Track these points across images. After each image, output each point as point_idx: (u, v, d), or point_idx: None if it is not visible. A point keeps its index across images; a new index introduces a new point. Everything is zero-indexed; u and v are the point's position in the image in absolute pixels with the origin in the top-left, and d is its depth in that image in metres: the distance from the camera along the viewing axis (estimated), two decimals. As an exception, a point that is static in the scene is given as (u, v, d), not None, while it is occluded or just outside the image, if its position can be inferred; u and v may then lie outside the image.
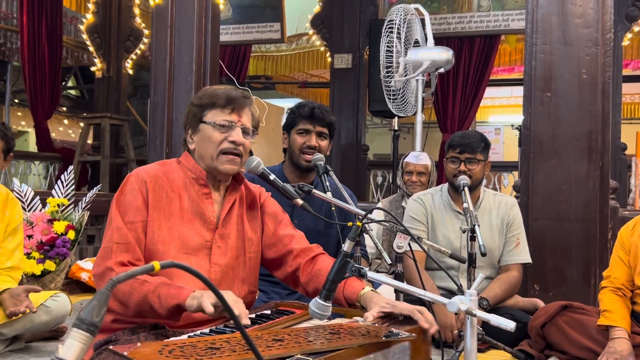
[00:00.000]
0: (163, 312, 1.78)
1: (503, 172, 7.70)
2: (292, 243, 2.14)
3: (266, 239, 2.16)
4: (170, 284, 1.81)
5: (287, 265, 2.13)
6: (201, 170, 2.04)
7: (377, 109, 6.44)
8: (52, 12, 8.21)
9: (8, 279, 3.04)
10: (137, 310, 1.84)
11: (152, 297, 1.79)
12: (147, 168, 2.04)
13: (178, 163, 2.09)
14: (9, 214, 3.09)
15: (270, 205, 2.21)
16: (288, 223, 2.20)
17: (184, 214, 2.00)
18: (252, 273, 2.13)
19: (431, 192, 3.57)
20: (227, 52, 8.69)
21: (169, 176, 2.03)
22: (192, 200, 2.02)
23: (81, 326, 0.86)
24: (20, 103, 11.28)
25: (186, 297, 1.73)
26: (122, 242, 1.90)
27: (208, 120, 2.01)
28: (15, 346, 3.06)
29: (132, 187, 1.97)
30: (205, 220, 2.02)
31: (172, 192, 2.00)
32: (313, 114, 2.94)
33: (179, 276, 1.92)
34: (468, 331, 1.57)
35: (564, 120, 3.92)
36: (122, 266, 1.88)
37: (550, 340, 3.00)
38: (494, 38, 7.62)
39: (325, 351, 1.47)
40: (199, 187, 2.04)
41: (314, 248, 2.15)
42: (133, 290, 1.82)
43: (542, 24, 4.00)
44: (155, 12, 5.04)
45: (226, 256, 2.04)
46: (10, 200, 3.13)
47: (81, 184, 7.98)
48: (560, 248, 3.87)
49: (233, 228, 2.07)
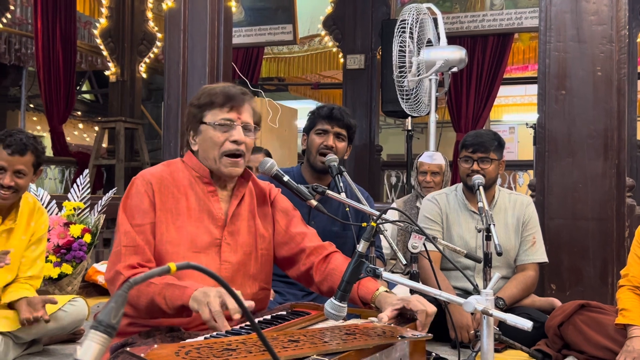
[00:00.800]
0: (171, 313, 1.79)
1: (518, 171, 7.66)
2: (305, 241, 2.12)
3: (278, 236, 2.14)
4: (174, 284, 1.80)
5: (300, 263, 2.12)
6: (205, 169, 2.03)
7: (391, 109, 6.44)
8: (66, 17, 8.28)
9: (27, 286, 3.06)
10: (148, 312, 1.85)
11: (158, 299, 1.79)
12: (152, 170, 2.04)
13: (183, 162, 2.08)
14: (35, 224, 3.10)
15: (281, 202, 2.19)
16: (299, 220, 2.19)
17: (192, 212, 1.99)
18: (264, 269, 2.11)
19: (446, 192, 3.56)
20: (239, 54, 8.71)
21: (174, 176, 2.03)
22: (199, 198, 2.02)
23: (99, 328, 0.86)
24: (35, 108, 11.39)
25: (189, 297, 1.73)
26: (130, 245, 1.90)
27: (208, 120, 2.00)
28: (34, 349, 3.08)
29: (138, 189, 1.97)
30: (214, 217, 2.01)
31: (178, 192, 2.00)
32: (332, 114, 2.94)
33: (189, 275, 1.92)
34: (484, 331, 1.56)
35: (579, 118, 3.90)
36: (131, 269, 1.88)
37: (568, 340, 2.98)
38: (507, 36, 7.59)
39: (341, 352, 1.47)
40: (204, 185, 2.03)
41: (327, 246, 2.14)
42: (140, 293, 1.82)
43: (556, 21, 3.97)
44: (168, 15, 5.06)
45: (237, 253, 2.03)
46: (37, 210, 3.13)
47: (96, 187, 8.03)
48: (577, 247, 3.84)
49: (243, 224, 2.06)
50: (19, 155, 2.85)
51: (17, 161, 2.85)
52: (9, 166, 2.84)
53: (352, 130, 3.01)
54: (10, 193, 2.87)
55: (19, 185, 2.87)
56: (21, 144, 2.86)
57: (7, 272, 3.01)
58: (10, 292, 2.99)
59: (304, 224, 2.19)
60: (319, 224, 2.89)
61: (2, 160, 2.85)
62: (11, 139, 2.85)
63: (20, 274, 3.07)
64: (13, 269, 3.03)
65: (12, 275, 3.04)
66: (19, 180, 2.87)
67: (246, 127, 2.02)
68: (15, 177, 2.86)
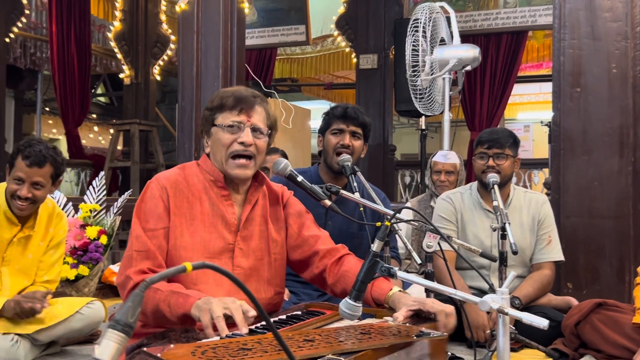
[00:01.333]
0: (175, 321, 1.78)
1: (533, 170, 7.62)
2: (318, 244, 2.12)
3: (291, 240, 2.14)
4: (179, 292, 1.80)
5: (313, 266, 2.12)
6: (219, 173, 2.03)
7: (404, 109, 6.42)
8: (81, 20, 8.35)
9: (42, 288, 3.09)
10: (153, 318, 1.85)
11: (163, 306, 1.79)
12: (167, 174, 2.03)
13: (198, 166, 2.08)
14: (53, 230, 3.10)
15: (294, 205, 2.19)
16: (312, 223, 2.18)
17: (205, 217, 1.99)
18: (278, 274, 2.11)
19: (460, 190, 3.54)
20: (253, 55, 8.73)
21: (188, 180, 2.02)
22: (213, 203, 2.01)
23: (116, 327, 0.87)
24: (51, 111, 11.48)
25: (191, 306, 1.72)
26: (141, 250, 1.90)
27: (218, 123, 2.00)
28: (51, 350, 3.11)
29: (153, 194, 1.97)
30: (227, 222, 2.01)
31: (192, 197, 2.00)
32: (346, 113, 2.95)
33: (203, 281, 1.92)
34: (500, 330, 1.56)
35: (594, 115, 3.87)
36: (141, 274, 1.88)
37: (585, 339, 2.96)
38: (521, 34, 7.55)
39: (356, 351, 1.47)
40: (218, 189, 2.03)
41: (340, 248, 2.13)
42: (148, 299, 1.82)
43: (570, 18, 3.95)
44: (182, 18, 5.08)
45: (249, 258, 2.03)
46: (57, 215, 3.12)
47: (112, 189, 8.09)
48: (593, 245, 3.82)
49: (255, 229, 2.06)
50: (37, 167, 2.82)
51: (35, 173, 2.82)
52: (26, 178, 2.82)
53: (368, 128, 3.01)
54: (27, 204, 2.86)
55: (36, 196, 2.86)
56: (40, 156, 2.82)
57: (24, 277, 3.03)
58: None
59: (317, 226, 2.19)
60: (335, 225, 2.89)
61: (20, 171, 2.82)
62: (30, 150, 2.82)
63: (37, 279, 3.08)
64: (29, 274, 3.06)
65: (29, 280, 3.06)
66: (37, 192, 2.85)
67: (256, 129, 2.00)
68: (33, 189, 2.84)
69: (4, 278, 2.96)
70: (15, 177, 2.83)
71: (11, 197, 2.85)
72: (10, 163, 2.87)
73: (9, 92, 9.28)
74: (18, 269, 3.00)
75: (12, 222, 2.94)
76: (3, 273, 2.96)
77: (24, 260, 3.01)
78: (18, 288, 3.02)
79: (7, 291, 2.97)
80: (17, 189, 2.83)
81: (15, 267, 2.99)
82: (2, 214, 2.92)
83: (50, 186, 2.91)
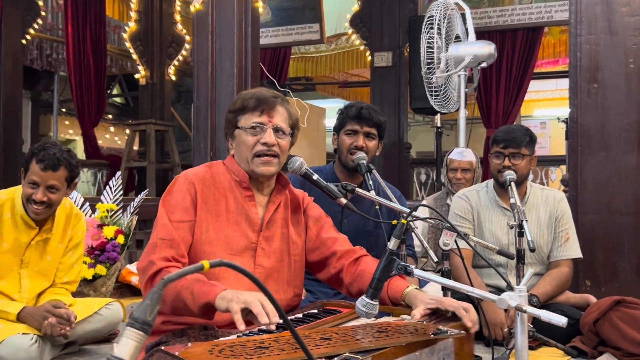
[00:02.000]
0: (195, 310, 1.78)
1: (550, 167, 7.57)
2: (336, 245, 2.14)
3: (309, 242, 2.17)
4: (204, 281, 1.80)
5: (330, 266, 2.14)
6: (244, 174, 2.06)
7: (419, 106, 6.40)
8: (96, 21, 8.40)
9: (63, 291, 3.10)
10: (173, 307, 1.85)
11: (185, 293, 1.79)
12: (195, 170, 2.07)
13: (224, 165, 2.11)
14: (71, 231, 3.10)
15: (313, 209, 2.22)
16: (331, 226, 2.21)
17: (230, 215, 2.02)
18: (297, 276, 2.14)
19: (476, 188, 3.52)
20: (267, 55, 8.74)
21: (215, 178, 2.06)
22: (237, 202, 2.04)
23: (135, 325, 0.87)
24: (67, 112, 11.56)
25: (216, 295, 1.71)
26: (166, 238, 1.92)
27: (241, 125, 2.04)
28: (70, 349, 3.13)
29: (181, 187, 2.00)
30: (250, 221, 2.03)
31: (218, 194, 2.03)
32: (360, 114, 2.94)
33: (225, 277, 1.94)
34: (518, 328, 1.55)
35: (612, 111, 3.84)
36: (165, 261, 1.89)
37: (604, 336, 2.94)
38: (537, 30, 7.49)
39: (373, 349, 1.47)
40: (242, 189, 2.06)
41: (357, 250, 2.15)
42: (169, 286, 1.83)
43: (587, 14, 3.91)
44: (196, 18, 5.10)
45: (270, 258, 2.05)
46: (75, 216, 3.12)
47: (128, 189, 8.13)
48: (612, 242, 3.79)
49: (277, 231, 2.09)
50: (52, 171, 2.80)
51: (49, 176, 2.80)
52: (41, 181, 2.80)
53: (382, 127, 3.00)
54: (43, 208, 2.85)
55: (51, 200, 2.84)
56: (54, 159, 2.80)
57: (43, 279, 3.05)
58: (45, 297, 3.03)
59: (335, 230, 2.22)
60: (351, 223, 2.89)
61: (35, 175, 2.80)
62: (44, 154, 2.80)
63: (57, 280, 3.10)
64: (49, 276, 3.07)
65: (48, 282, 3.08)
66: (52, 196, 2.84)
67: (278, 129, 2.03)
68: (48, 192, 2.82)
69: (23, 280, 2.98)
70: (30, 181, 2.82)
71: (27, 201, 2.85)
72: (25, 167, 2.86)
73: (25, 93, 9.36)
74: (37, 271, 3.02)
75: (29, 226, 2.94)
76: (22, 275, 2.98)
77: (42, 262, 3.03)
78: (37, 290, 3.04)
79: (26, 293, 2.99)
80: (32, 193, 2.81)
81: (34, 270, 3.01)
82: (19, 218, 2.92)
83: (65, 189, 2.90)
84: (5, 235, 2.91)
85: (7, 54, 7.25)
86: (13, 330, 2.80)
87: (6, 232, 2.91)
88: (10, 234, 2.92)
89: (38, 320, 2.83)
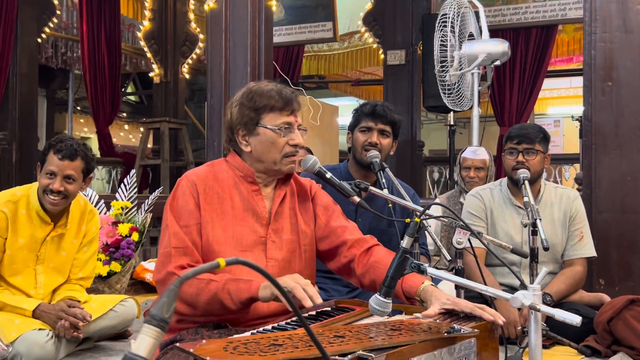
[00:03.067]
0: (234, 307, 1.82)
1: (564, 165, 7.52)
2: (346, 234, 2.12)
3: (319, 231, 2.15)
4: (237, 279, 1.85)
5: (341, 256, 2.12)
6: (248, 169, 2.05)
7: (432, 105, 6.39)
8: (111, 20, 8.45)
9: (77, 287, 3.14)
10: (206, 310, 1.87)
11: (222, 294, 1.82)
12: (197, 171, 2.06)
13: (226, 162, 2.10)
14: (86, 227, 3.14)
15: (322, 197, 2.21)
16: (340, 214, 2.19)
17: (236, 212, 2.02)
18: (308, 265, 2.13)
19: (490, 187, 3.52)
20: (280, 53, 8.76)
21: (218, 176, 2.05)
22: (243, 197, 2.04)
23: (152, 322, 0.89)
24: (82, 110, 11.64)
25: (257, 288, 1.77)
26: (180, 247, 1.92)
27: (268, 124, 2.01)
28: (85, 346, 3.16)
29: (184, 191, 1.99)
30: (258, 216, 2.03)
31: (222, 192, 2.03)
32: (374, 111, 2.95)
33: (237, 274, 1.94)
34: (532, 327, 1.55)
35: (626, 109, 3.81)
36: (182, 269, 1.90)
37: (618, 336, 2.93)
38: (551, 28, 7.45)
39: (386, 347, 1.47)
40: (248, 184, 2.06)
41: (368, 239, 2.13)
42: (200, 291, 1.85)
43: (601, 12, 3.89)
44: (210, 16, 5.12)
45: (282, 250, 2.05)
46: (89, 212, 3.16)
47: (142, 187, 8.18)
48: (626, 241, 3.77)
49: (286, 222, 2.09)
50: (69, 160, 2.86)
51: (67, 166, 2.86)
52: (58, 171, 2.85)
53: (397, 125, 3.01)
54: (60, 199, 2.89)
55: (68, 190, 2.89)
56: (72, 149, 2.87)
57: (57, 274, 3.09)
58: (60, 294, 3.07)
59: (345, 217, 2.20)
60: (365, 221, 2.90)
61: (53, 165, 2.86)
62: (62, 145, 2.87)
63: (72, 276, 3.13)
64: (64, 272, 3.11)
65: (64, 278, 3.11)
66: (69, 186, 2.88)
67: (300, 127, 2.06)
68: (65, 183, 2.87)
69: (39, 276, 3.02)
70: (47, 172, 2.87)
71: (43, 192, 2.89)
72: (42, 160, 2.91)
73: (41, 91, 9.44)
74: (52, 267, 3.05)
75: (44, 221, 2.98)
76: (38, 271, 3.02)
77: (57, 258, 3.06)
78: (53, 286, 3.08)
79: (41, 289, 3.03)
80: (49, 183, 2.86)
81: (50, 266, 3.04)
82: (34, 214, 2.96)
83: (81, 182, 2.94)
84: (20, 231, 2.94)
85: (22, 52, 7.31)
86: (29, 326, 2.84)
87: (21, 228, 2.94)
88: (25, 230, 2.95)
89: (52, 319, 2.88)
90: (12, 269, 2.96)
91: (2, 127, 7.15)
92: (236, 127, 2.05)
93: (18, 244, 2.95)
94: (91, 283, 3.30)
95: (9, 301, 2.90)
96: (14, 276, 2.96)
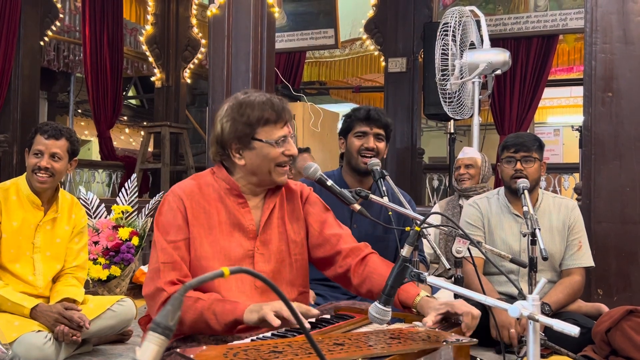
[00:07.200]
0: (219, 328, 1.82)
1: (563, 174, 7.53)
2: (340, 243, 2.11)
3: (312, 239, 2.13)
4: (224, 299, 1.85)
5: (336, 265, 2.11)
6: (234, 182, 2.03)
7: (433, 112, 6.42)
8: (113, 24, 8.48)
9: (74, 282, 3.17)
10: (192, 327, 1.87)
11: (207, 314, 1.82)
12: (183, 185, 2.04)
13: (212, 175, 2.07)
14: (75, 217, 3.28)
15: (313, 203, 2.18)
16: (333, 220, 2.17)
17: (223, 226, 2.00)
18: (300, 274, 2.11)
19: (487, 195, 3.54)
20: (282, 59, 8.78)
21: (203, 190, 2.03)
22: (229, 211, 2.02)
23: (157, 330, 0.90)
24: (83, 113, 11.66)
25: (242, 311, 1.77)
26: (168, 262, 1.91)
27: (263, 138, 1.99)
28: (84, 349, 3.17)
29: (171, 206, 1.98)
30: (244, 230, 2.02)
31: (208, 206, 2.01)
32: (369, 115, 2.97)
33: (226, 289, 1.94)
34: (530, 337, 1.56)
35: (626, 120, 3.83)
36: (172, 285, 1.89)
37: (615, 346, 2.93)
38: (552, 38, 7.48)
39: (386, 355, 1.49)
40: (234, 197, 2.03)
41: (362, 247, 2.12)
42: (188, 309, 1.84)
43: (602, 22, 3.91)
44: (213, 22, 5.14)
45: (270, 262, 2.03)
46: (75, 204, 3.32)
47: (142, 191, 8.19)
48: (625, 251, 3.77)
49: (274, 232, 2.07)
50: (54, 139, 3.06)
51: (52, 145, 3.05)
52: (45, 149, 3.05)
53: (390, 129, 3.04)
54: (47, 177, 3.05)
55: (55, 168, 3.05)
56: (56, 130, 3.08)
57: (55, 261, 3.18)
58: (58, 292, 3.09)
59: (338, 224, 2.18)
60: (361, 228, 2.91)
61: (39, 144, 3.06)
62: (47, 127, 3.09)
63: (67, 264, 3.23)
64: (60, 258, 3.21)
65: (61, 264, 3.21)
66: (55, 164, 3.06)
67: (292, 136, 2.06)
68: (52, 161, 3.05)
69: (37, 264, 3.12)
70: (34, 152, 3.06)
71: (32, 172, 3.05)
72: (29, 144, 3.11)
73: (42, 94, 9.45)
74: (49, 255, 3.16)
75: (36, 206, 3.12)
76: (36, 260, 3.12)
77: (53, 245, 3.17)
78: (51, 273, 3.16)
79: (40, 276, 3.11)
80: (37, 162, 3.04)
81: (46, 254, 3.15)
82: (25, 199, 3.11)
83: (67, 162, 3.12)
84: (13, 214, 3.09)
85: (25, 55, 7.33)
86: (28, 328, 2.87)
87: (14, 212, 3.09)
88: (18, 213, 3.09)
89: (49, 321, 2.93)
90: (10, 256, 3.06)
91: (4, 129, 7.16)
92: (228, 141, 2.01)
93: (13, 227, 3.07)
94: (86, 276, 3.37)
95: (10, 297, 2.95)
96: (12, 263, 3.06)
